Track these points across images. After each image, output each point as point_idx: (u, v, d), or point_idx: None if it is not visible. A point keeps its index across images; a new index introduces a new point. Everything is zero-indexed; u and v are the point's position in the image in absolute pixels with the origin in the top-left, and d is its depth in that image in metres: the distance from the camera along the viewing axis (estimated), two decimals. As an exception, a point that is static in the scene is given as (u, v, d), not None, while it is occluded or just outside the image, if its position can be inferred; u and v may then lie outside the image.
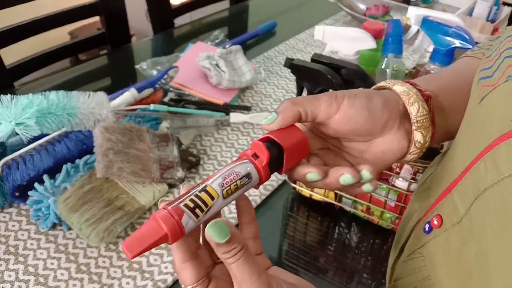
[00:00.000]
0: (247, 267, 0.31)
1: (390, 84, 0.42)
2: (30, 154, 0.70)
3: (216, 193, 0.33)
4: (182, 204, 0.32)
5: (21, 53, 1.12)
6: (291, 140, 0.36)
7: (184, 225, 0.32)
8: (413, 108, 0.39)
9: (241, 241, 0.31)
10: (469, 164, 0.34)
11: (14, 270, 0.61)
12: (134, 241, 0.31)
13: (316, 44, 1.26)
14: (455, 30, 0.65)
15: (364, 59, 0.79)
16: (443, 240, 0.37)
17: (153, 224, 0.31)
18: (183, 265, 0.33)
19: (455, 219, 0.35)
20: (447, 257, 0.36)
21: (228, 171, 0.34)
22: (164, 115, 0.85)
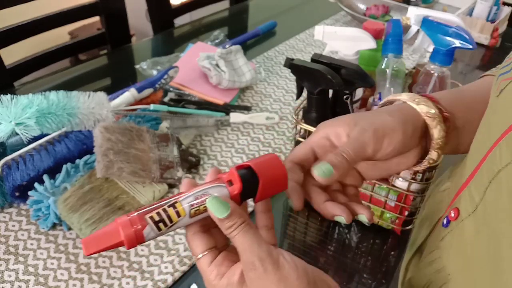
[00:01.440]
0: (248, 238, 0.33)
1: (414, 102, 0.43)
2: (30, 154, 0.70)
3: (184, 211, 0.34)
4: (148, 215, 0.33)
5: (21, 53, 1.12)
6: (270, 172, 0.36)
7: (145, 236, 0.33)
8: (436, 131, 0.42)
9: (241, 215, 0.34)
10: (485, 154, 0.34)
11: (14, 270, 0.61)
12: (93, 240, 0.33)
13: (316, 44, 1.26)
14: (455, 30, 0.65)
15: (364, 59, 0.79)
16: (459, 231, 0.38)
17: (114, 228, 0.33)
18: (193, 236, 0.35)
19: (470, 209, 0.36)
20: (462, 247, 0.37)
21: (202, 191, 0.35)
22: (164, 115, 0.85)
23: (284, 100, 1.02)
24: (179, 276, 0.63)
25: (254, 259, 0.33)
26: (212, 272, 0.35)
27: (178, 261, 0.64)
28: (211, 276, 0.35)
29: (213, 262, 0.35)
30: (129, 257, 0.64)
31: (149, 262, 0.64)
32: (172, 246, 0.67)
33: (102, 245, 0.33)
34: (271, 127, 0.93)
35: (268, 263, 0.32)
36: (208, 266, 0.35)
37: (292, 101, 1.01)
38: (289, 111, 0.98)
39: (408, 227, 0.70)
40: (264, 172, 0.36)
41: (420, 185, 0.64)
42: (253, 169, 0.36)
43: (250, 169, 0.36)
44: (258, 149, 0.87)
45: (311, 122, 0.68)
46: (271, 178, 0.36)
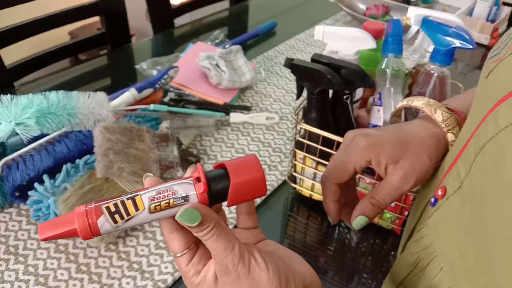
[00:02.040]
0: (220, 243, 0.33)
1: (441, 123, 0.45)
2: (30, 154, 0.70)
3: (143, 205, 0.32)
4: (105, 205, 0.32)
5: (21, 53, 1.12)
6: (244, 175, 0.34)
7: (100, 227, 0.32)
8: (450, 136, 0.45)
9: (212, 219, 0.33)
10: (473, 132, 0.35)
11: (14, 270, 0.61)
12: (49, 226, 0.32)
13: (316, 44, 1.26)
14: (455, 30, 0.65)
15: (364, 59, 0.79)
16: (445, 208, 0.39)
17: (70, 216, 0.32)
18: (170, 235, 0.35)
19: (456, 185, 0.37)
20: (448, 222, 0.38)
21: (167, 186, 0.33)
22: (164, 115, 0.85)
23: (284, 100, 1.02)
24: (179, 276, 0.63)
25: (228, 263, 0.33)
26: (189, 271, 0.35)
27: (178, 261, 0.64)
28: (188, 274, 0.35)
29: (191, 261, 0.35)
30: (129, 257, 0.65)
31: (149, 262, 0.64)
32: (172, 246, 0.67)
33: (56, 231, 0.32)
34: (271, 127, 0.93)
35: (240, 267, 0.33)
36: (186, 265, 0.35)
37: (292, 101, 1.01)
38: (289, 111, 0.98)
39: (408, 227, 0.70)
40: (237, 173, 0.34)
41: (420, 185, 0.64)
42: (226, 169, 0.34)
43: (223, 169, 0.35)
44: (258, 149, 0.87)
45: (311, 122, 0.68)
46: (245, 180, 0.34)
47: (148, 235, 0.68)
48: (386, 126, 0.50)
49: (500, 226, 0.28)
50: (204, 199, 0.34)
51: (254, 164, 0.35)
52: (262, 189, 0.35)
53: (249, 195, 0.35)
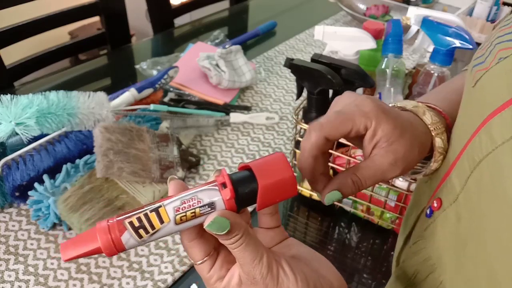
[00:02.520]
0: (248, 253, 0.32)
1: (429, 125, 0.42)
2: (30, 154, 0.70)
3: (168, 217, 0.30)
4: (128, 220, 0.30)
5: (21, 53, 1.12)
6: (273, 177, 0.32)
7: (124, 243, 0.30)
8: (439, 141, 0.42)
9: (240, 228, 0.31)
10: (465, 143, 0.35)
11: (14, 270, 0.61)
12: (71, 245, 0.31)
13: (316, 44, 1.26)
14: (455, 30, 0.65)
15: (364, 59, 0.79)
16: (441, 221, 0.38)
17: (92, 233, 0.31)
18: (190, 243, 0.34)
19: (452, 198, 0.36)
20: (445, 235, 0.37)
21: (191, 194, 0.31)
22: (164, 115, 0.85)
23: (284, 100, 1.02)
24: (179, 276, 0.63)
25: (255, 274, 0.32)
26: (212, 277, 0.34)
27: (178, 261, 0.64)
28: (211, 281, 0.35)
29: (213, 268, 0.34)
30: (129, 257, 0.64)
31: (149, 262, 0.64)
32: (172, 246, 0.67)
33: (79, 251, 0.30)
34: (271, 127, 0.93)
35: (269, 279, 0.32)
36: (207, 272, 0.34)
37: (292, 101, 1.01)
38: (289, 111, 0.98)
39: (408, 227, 0.70)
40: (264, 175, 0.32)
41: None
42: (252, 171, 0.32)
43: (249, 171, 0.32)
44: (258, 149, 0.87)
45: (311, 122, 0.68)
46: (273, 182, 0.32)
47: (148, 235, 0.68)
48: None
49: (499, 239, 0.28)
50: (231, 205, 0.32)
51: (282, 162, 0.33)
52: (292, 189, 0.33)
53: (279, 197, 0.33)
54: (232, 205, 0.32)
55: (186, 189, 0.32)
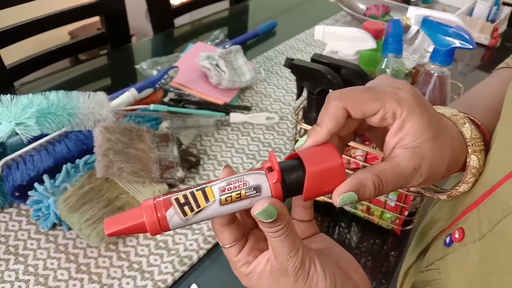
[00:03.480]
0: (286, 244, 0.31)
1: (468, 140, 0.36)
2: (30, 154, 0.70)
3: (213, 196, 0.31)
4: (174, 197, 0.31)
5: (21, 53, 1.12)
6: (321, 164, 0.31)
7: (168, 219, 0.31)
8: (473, 159, 0.36)
9: (285, 218, 0.31)
10: (500, 180, 0.32)
11: (14, 270, 0.61)
12: (115, 220, 0.31)
13: (316, 44, 1.26)
14: (455, 30, 0.65)
15: (364, 59, 0.79)
16: (462, 255, 0.36)
17: (138, 211, 0.31)
18: (220, 228, 0.34)
19: (477, 235, 0.34)
20: (464, 272, 0.35)
21: (237, 177, 0.31)
22: (164, 115, 0.85)
23: (284, 100, 1.02)
24: (179, 276, 0.63)
25: (289, 266, 0.32)
26: (239, 261, 0.35)
27: (178, 261, 0.64)
28: (238, 264, 0.35)
29: (240, 252, 0.35)
30: (129, 257, 0.64)
31: (149, 262, 0.64)
32: (172, 246, 0.67)
33: (122, 225, 0.30)
34: (271, 127, 0.93)
35: (300, 273, 0.32)
36: (235, 256, 0.35)
37: (292, 101, 1.01)
38: (289, 111, 0.98)
39: (408, 227, 0.70)
40: (312, 161, 0.31)
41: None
42: (299, 158, 0.31)
43: (296, 159, 0.32)
44: (258, 149, 0.87)
45: (311, 122, 0.68)
46: (322, 169, 0.31)
47: (148, 235, 0.68)
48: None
49: None
50: (277, 190, 0.31)
51: (331, 151, 0.32)
52: (341, 179, 0.31)
53: (327, 187, 0.32)
54: (278, 190, 0.31)
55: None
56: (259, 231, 0.36)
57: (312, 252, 0.33)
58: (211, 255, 0.66)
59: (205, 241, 0.67)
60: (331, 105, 0.33)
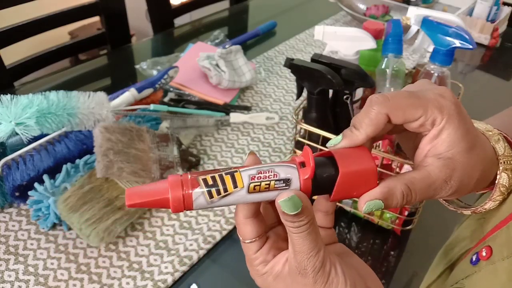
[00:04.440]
0: (307, 242, 0.31)
1: (500, 157, 0.36)
2: (30, 154, 0.70)
3: (242, 182, 0.30)
4: (202, 177, 0.30)
5: (21, 53, 1.12)
6: (355, 166, 0.31)
7: (194, 199, 0.30)
8: (503, 176, 0.36)
9: (309, 214, 0.30)
10: None
11: (14, 270, 0.61)
12: (138, 192, 0.30)
13: (316, 44, 1.26)
14: (455, 30, 0.65)
15: (364, 59, 0.79)
16: (489, 274, 0.35)
17: (163, 185, 0.30)
18: (244, 220, 0.33)
19: (505, 253, 0.33)
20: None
21: (268, 167, 0.30)
22: (164, 115, 0.85)
23: (284, 100, 1.02)
24: (179, 276, 0.63)
25: (308, 265, 0.31)
26: (257, 259, 0.34)
27: (178, 261, 0.64)
28: (255, 262, 0.34)
29: (260, 250, 0.34)
30: (129, 257, 0.64)
31: (149, 262, 0.64)
32: (172, 246, 0.67)
33: (145, 198, 0.29)
34: (271, 127, 0.93)
35: (319, 275, 0.31)
36: (254, 253, 0.34)
37: (292, 101, 1.01)
38: (289, 111, 0.98)
39: (408, 227, 0.70)
40: (346, 162, 0.30)
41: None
42: (333, 157, 0.31)
43: (330, 157, 0.31)
44: (258, 149, 0.87)
45: (311, 122, 0.68)
46: (355, 171, 0.30)
47: (148, 235, 0.68)
48: None
49: None
50: (307, 186, 0.31)
51: (365, 153, 0.31)
52: (372, 184, 0.31)
53: (356, 190, 0.31)
54: (308, 186, 0.31)
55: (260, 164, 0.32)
56: (281, 229, 0.36)
57: (333, 256, 0.33)
58: (211, 255, 0.66)
59: (205, 241, 0.67)
60: (373, 110, 0.32)
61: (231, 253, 0.67)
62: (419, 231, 0.71)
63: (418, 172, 0.33)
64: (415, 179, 0.32)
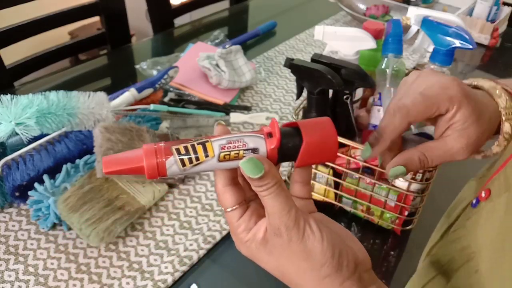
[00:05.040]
0: (278, 203, 0.32)
1: (501, 109, 0.43)
2: (30, 154, 0.70)
3: (213, 152, 0.32)
4: (175, 147, 0.32)
5: (21, 53, 1.12)
6: (317, 135, 0.33)
7: (167, 167, 0.31)
8: (506, 126, 0.43)
9: (274, 177, 0.32)
10: None
11: (14, 270, 0.61)
12: (114, 160, 0.31)
13: (316, 44, 1.26)
14: (455, 30, 0.65)
15: (364, 59, 0.79)
16: (487, 211, 0.38)
17: (138, 153, 0.32)
18: (224, 188, 0.35)
19: (503, 189, 0.36)
20: (490, 225, 0.37)
21: (237, 137, 0.32)
22: (164, 115, 0.85)
23: (284, 100, 1.02)
24: (179, 276, 0.63)
25: (281, 225, 0.32)
26: (240, 226, 0.35)
27: (178, 261, 0.64)
28: (238, 230, 0.35)
29: (242, 217, 0.35)
30: (129, 257, 0.64)
31: (149, 262, 0.64)
32: (172, 246, 0.67)
33: (121, 166, 0.31)
34: (271, 127, 0.93)
35: (294, 233, 0.32)
36: (236, 220, 0.35)
37: (292, 101, 1.01)
38: (289, 111, 0.98)
39: (408, 227, 0.70)
40: (310, 133, 0.33)
41: (420, 185, 0.64)
42: (298, 127, 0.33)
43: (295, 127, 0.33)
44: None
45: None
46: (317, 142, 0.33)
47: (148, 235, 0.68)
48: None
49: None
50: (273, 155, 0.33)
51: (328, 125, 0.34)
52: (333, 152, 0.34)
53: (319, 158, 0.34)
54: (274, 155, 0.33)
55: (229, 133, 0.33)
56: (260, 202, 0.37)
57: (308, 215, 0.34)
58: (211, 255, 0.66)
59: (205, 241, 0.67)
60: (396, 119, 0.40)
61: (231, 253, 0.67)
62: (419, 231, 0.71)
63: (434, 142, 0.42)
64: (430, 147, 0.42)
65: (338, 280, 0.33)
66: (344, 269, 0.33)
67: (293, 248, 0.33)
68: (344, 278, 0.33)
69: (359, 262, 0.34)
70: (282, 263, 0.34)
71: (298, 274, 0.33)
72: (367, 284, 0.34)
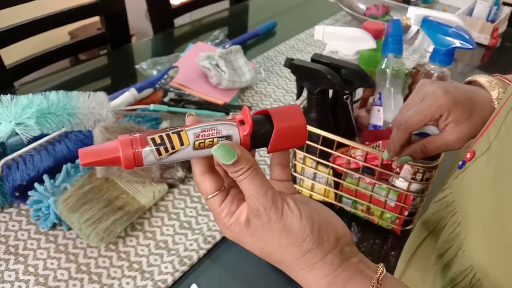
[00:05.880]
0: (254, 186, 0.33)
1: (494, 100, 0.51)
2: (30, 154, 0.70)
3: (188, 140, 0.33)
4: (150, 136, 0.32)
5: (21, 53, 1.12)
6: (287, 122, 0.35)
7: (144, 157, 0.32)
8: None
9: (248, 161, 0.33)
10: (506, 100, 0.38)
11: (14, 270, 0.61)
12: (91, 152, 0.32)
13: (316, 44, 1.26)
14: (455, 30, 0.65)
15: (364, 59, 0.79)
16: (471, 169, 0.41)
17: (114, 144, 0.32)
18: (202, 176, 0.36)
19: (485, 147, 0.39)
20: (472, 182, 0.40)
21: (211, 125, 0.34)
22: (164, 115, 0.85)
23: (284, 100, 1.02)
24: (179, 276, 0.63)
25: (259, 207, 0.33)
26: (222, 211, 0.36)
27: (178, 261, 0.64)
28: (221, 214, 0.36)
29: (224, 202, 0.36)
30: (129, 257, 0.64)
31: (149, 262, 0.64)
32: (172, 246, 0.67)
33: (98, 158, 0.32)
34: (271, 127, 0.93)
35: (272, 212, 0.33)
36: (218, 206, 0.36)
37: (292, 101, 1.01)
38: (289, 111, 0.98)
39: (408, 227, 0.70)
40: (280, 120, 0.34)
41: (420, 185, 0.64)
42: (269, 115, 0.35)
43: (267, 115, 0.35)
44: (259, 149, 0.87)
45: (311, 122, 0.68)
46: (287, 127, 0.35)
47: (148, 235, 0.68)
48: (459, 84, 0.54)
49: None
50: (246, 141, 0.34)
51: (297, 112, 0.35)
52: (303, 137, 0.35)
53: (289, 143, 0.35)
54: (247, 141, 0.34)
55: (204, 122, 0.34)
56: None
57: (285, 195, 0.35)
58: (211, 255, 0.66)
59: (205, 241, 0.67)
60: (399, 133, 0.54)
61: (231, 253, 0.67)
62: (419, 231, 0.71)
63: (434, 136, 0.54)
64: (431, 140, 0.54)
65: (320, 255, 0.34)
66: (325, 243, 0.34)
67: (273, 227, 0.34)
68: (325, 252, 0.34)
69: (340, 236, 0.35)
70: (265, 243, 0.35)
71: (281, 252, 0.34)
72: (349, 256, 0.35)
